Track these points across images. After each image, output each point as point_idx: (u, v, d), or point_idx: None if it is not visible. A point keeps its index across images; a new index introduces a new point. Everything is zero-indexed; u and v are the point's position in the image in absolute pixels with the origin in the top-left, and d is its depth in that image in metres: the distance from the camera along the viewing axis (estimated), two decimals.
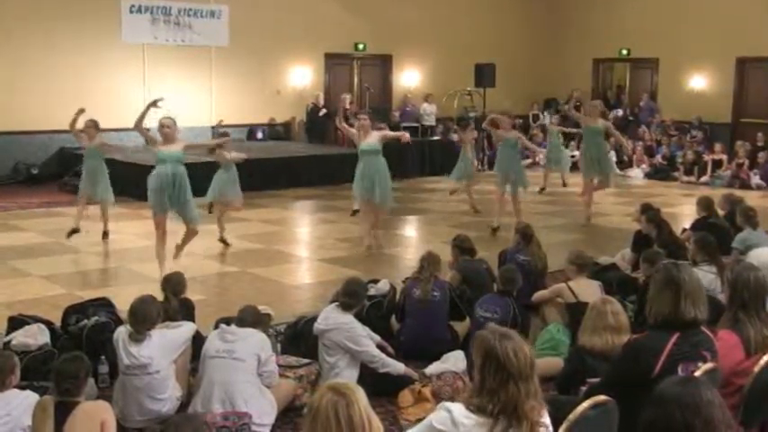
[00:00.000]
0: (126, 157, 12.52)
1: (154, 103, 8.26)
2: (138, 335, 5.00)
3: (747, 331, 4.10)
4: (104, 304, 6.33)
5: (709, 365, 3.65)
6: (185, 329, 5.40)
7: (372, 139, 9.57)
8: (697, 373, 3.50)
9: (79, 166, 14.62)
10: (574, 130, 16.01)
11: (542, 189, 14.97)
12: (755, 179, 16.02)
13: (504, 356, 2.93)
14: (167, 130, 8.28)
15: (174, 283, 6.08)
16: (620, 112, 20.71)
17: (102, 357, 5.55)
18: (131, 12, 16.22)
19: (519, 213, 10.83)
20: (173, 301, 5.95)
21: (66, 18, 15.44)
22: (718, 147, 17.02)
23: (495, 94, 18.93)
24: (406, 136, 10.46)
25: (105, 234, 10.32)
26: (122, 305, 5.82)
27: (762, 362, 3.87)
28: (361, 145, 9.64)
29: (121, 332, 5.09)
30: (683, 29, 19.29)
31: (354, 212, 11.95)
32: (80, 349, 5.32)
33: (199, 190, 9.16)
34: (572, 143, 17.93)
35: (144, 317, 5.03)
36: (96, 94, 15.65)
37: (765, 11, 17.92)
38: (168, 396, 5.06)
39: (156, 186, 8.15)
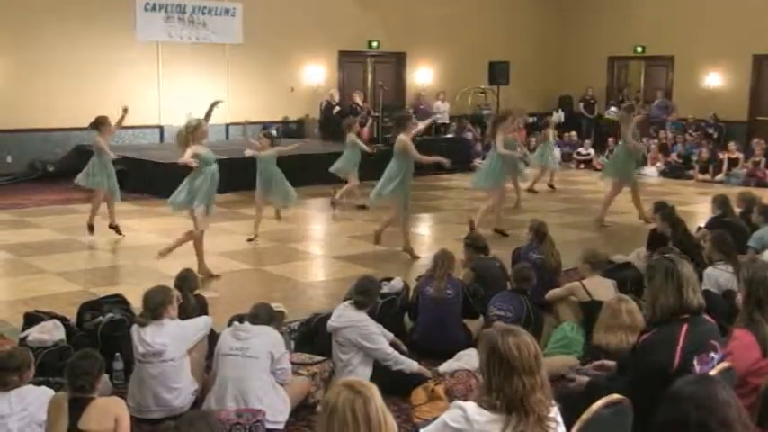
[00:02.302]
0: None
1: (216, 104, 8.74)
2: (142, 318, 5.10)
3: (763, 330, 4.08)
4: (119, 301, 6.37)
5: (725, 365, 3.64)
6: (200, 320, 5.49)
7: None
8: (713, 372, 3.49)
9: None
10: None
11: (531, 190, 14.78)
12: None
13: (506, 351, 2.93)
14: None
15: (189, 280, 6.13)
16: (613, 109, 20.65)
17: (117, 354, 5.59)
18: (146, 10, 16.29)
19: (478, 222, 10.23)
20: (190, 299, 5.99)
21: (81, 16, 15.52)
22: (732, 145, 16.89)
23: (509, 92, 18.90)
24: (424, 124, 10.55)
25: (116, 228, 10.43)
26: (137, 302, 5.84)
27: None
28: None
29: (135, 325, 5.19)
30: (698, 26, 19.18)
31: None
32: (95, 346, 5.35)
33: None
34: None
35: (148, 302, 5.12)
36: (111, 92, 15.71)
37: None
38: (183, 386, 5.10)
39: (210, 187, 8.28)
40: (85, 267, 8.92)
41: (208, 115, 8.71)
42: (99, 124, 10.46)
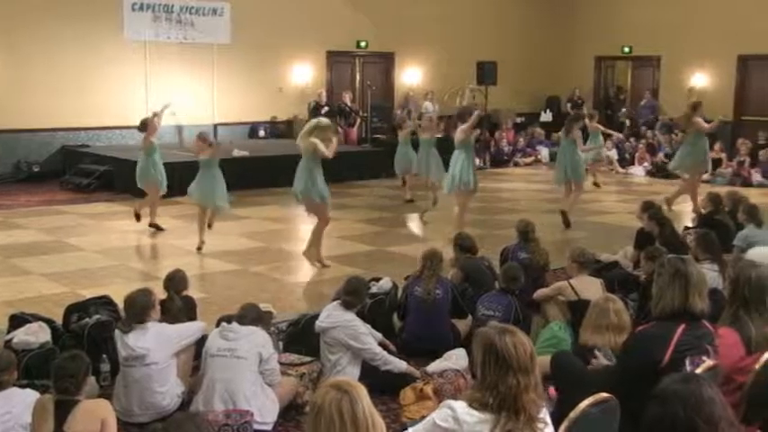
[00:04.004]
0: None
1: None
2: (125, 326, 5.07)
3: (748, 329, 4.12)
4: (106, 302, 6.34)
5: (710, 363, 3.66)
6: (191, 326, 5.46)
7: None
8: (698, 371, 3.51)
9: (83, 165, 14.74)
10: (611, 132, 16.88)
11: (596, 184, 15.13)
12: (757, 177, 16.01)
13: (503, 349, 2.95)
14: None
15: (176, 282, 6.10)
16: (623, 110, 20.78)
17: (104, 356, 5.56)
18: (133, 9, 16.22)
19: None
20: (176, 300, 5.97)
21: (68, 16, 15.44)
22: (716, 145, 16.96)
23: (497, 92, 18.93)
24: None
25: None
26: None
27: (763, 359, 3.88)
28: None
29: (117, 328, 5.17)
30: (684, 26, 19.26)
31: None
32: (81, 347, 5.33)
33: None
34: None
35: (130, 307, 5.09)
36: (98, 92, 15.71)
37: (767, 8, 17.88)
38: (168, 390, 5.07)
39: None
40: (72, 269, 8.86)
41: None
42: (145, 125, 10.76)
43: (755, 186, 15.41)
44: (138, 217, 10.82)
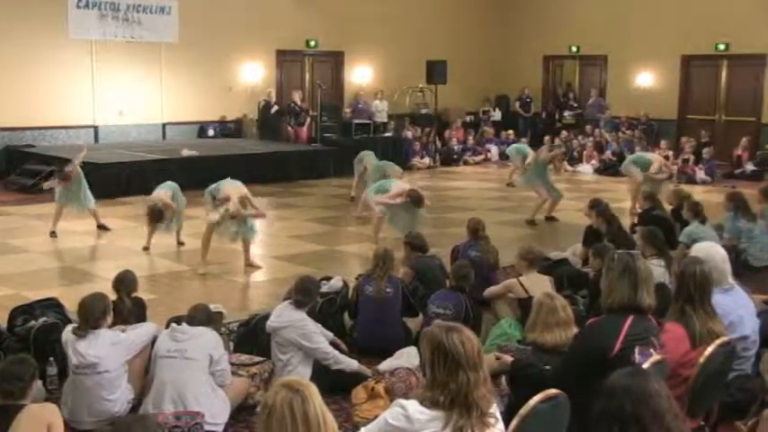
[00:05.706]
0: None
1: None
2: (81, 331, 4.96)
3: (693, 324, 4.22)
4: (53, 305, 6.21)
5: (657, 357, 3.74)
6: (142, 330, 5.34)
7: None
8: (646, 365, 3.58)
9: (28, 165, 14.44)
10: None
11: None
12: (700, 174, 16.37)
13: (451, 347, 2.97)
14: None
15: (126, 283, 6.01)
16: (567, 113, 21.04)
17: (51, 359, 5.44)
18: (78, 7, 15.92)
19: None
20: (126, 301, 5.88)
21: (11, 13, 15.08)
22: (662, 143, 17.30)
23: (447, 91, 19.04)
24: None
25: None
26: (71, 305, 5.72)
27: (706, 353, 3.97)
28: None
29: (68, 332, 5.04)
30: (630, 27, 19.62)
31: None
32: (27, 351, 5.22)
33: None
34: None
35: (88, 313, 4.98)
36: (43, 92, 15.39)
37: (710, 10, 18.31)
38: (118, 397, 4.99)
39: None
40: (17, 271, 8.66)
41: None
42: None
43: (699, 184, 15.75)
44: (53, 234, 10.27)
